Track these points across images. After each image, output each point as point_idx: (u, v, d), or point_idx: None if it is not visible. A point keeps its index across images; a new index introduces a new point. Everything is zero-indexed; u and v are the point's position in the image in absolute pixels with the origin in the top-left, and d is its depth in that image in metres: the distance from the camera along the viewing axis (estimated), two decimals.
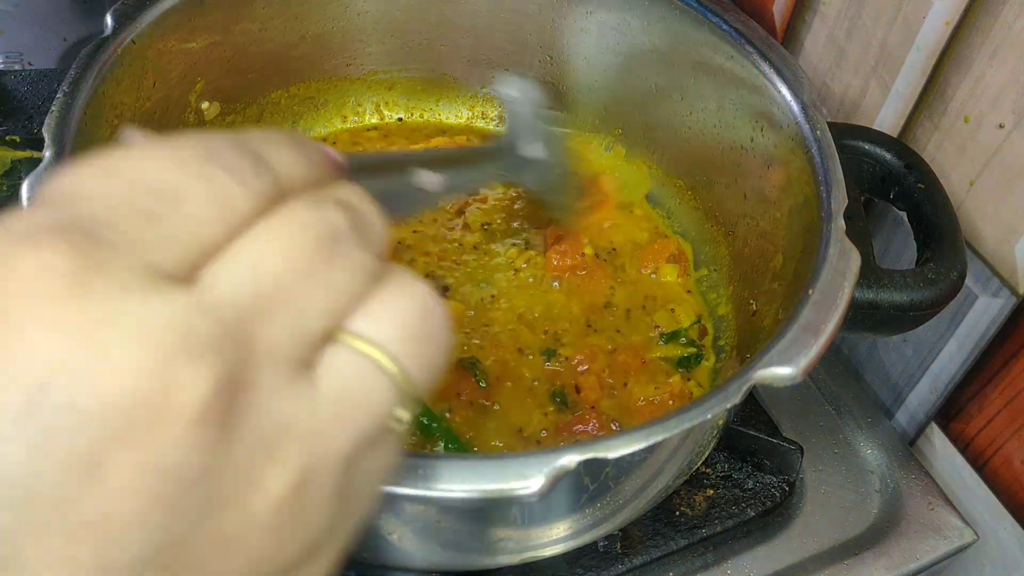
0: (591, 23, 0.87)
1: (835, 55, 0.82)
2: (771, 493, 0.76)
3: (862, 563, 0.74)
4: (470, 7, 0.90)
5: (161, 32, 0.73)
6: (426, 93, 0.96)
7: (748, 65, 0.75)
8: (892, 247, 0.82)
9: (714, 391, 0.54)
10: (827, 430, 0.83)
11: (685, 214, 0.88)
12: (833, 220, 0.63)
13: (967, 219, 0.74)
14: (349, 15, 0.88)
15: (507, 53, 0.93)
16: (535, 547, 0.62)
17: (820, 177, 0.67)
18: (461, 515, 0.56)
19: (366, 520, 0.37)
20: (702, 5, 0.78)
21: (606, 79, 0.90)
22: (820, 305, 0.58)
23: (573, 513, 0.59)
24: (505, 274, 0.82)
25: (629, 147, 0.92)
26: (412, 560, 0.62)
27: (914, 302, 0.64)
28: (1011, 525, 0.77)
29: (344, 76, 0.92)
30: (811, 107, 0.70)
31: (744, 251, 0.80)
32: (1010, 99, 0.67)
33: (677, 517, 0.74)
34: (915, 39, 0.73)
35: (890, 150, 0.73)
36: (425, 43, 0.92)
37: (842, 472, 0.80)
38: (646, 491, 0.61)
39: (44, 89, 0.69)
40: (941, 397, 0.81)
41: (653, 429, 0.51)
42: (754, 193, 0.78)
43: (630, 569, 0.71)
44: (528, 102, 0.74)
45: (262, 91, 0.87)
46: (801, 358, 0.55)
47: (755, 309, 0.75)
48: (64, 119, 0.63)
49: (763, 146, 0.76)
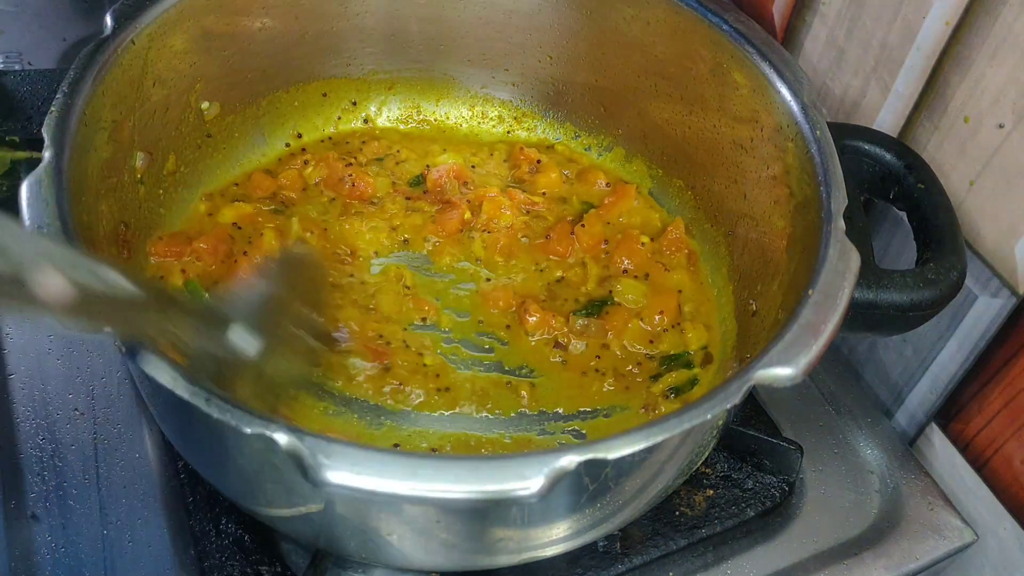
0: (591, 24, 0.87)
1: (835, 55, 0.82)
2: (771, 493, 0.76)
3: (862, 563, 0.74)
4: (470, 7, 0.90)
5: (161, 32, 0.73)
6: (426, 93, 0.96)
7: (748, 65, 0.75)
8: (892, 247, 0.82)
9: (714, 391, 0.54)
10: (827, 430, 0.83)
11: (685, 214, 0.88)
12: (833, 220, 0.63)
13: (967, 219, 0.74)
14: (348, 15, 0.88)
15: (507, 53, 0.93)
16: (535, 547, 0.62)
17: (820, 177, 0.67)
18: (461, 516, 0.56)
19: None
20: (702, 5, 0.78)
21: (606, 79, 0.90)
22: (820, 305, 0.58)
23: (573, 513, 0.59)
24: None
25: (629, 147, 0.92)
26: (412, 560, 0.62)
27: (914, 302, 0.64)
28: (1011, 525, 0.77)
29: (344, 76, 0.92)
30: (811, 107, 0.70)
31: (744, 251, 0.80)
32: (1010, 99, 0.67)
33: (677, 517, 0.74)
34: (915, 39, 0.73)
35: (890, 150, 0.73)
36: (425, 43, 0.92)
37: (842, 472, 0.80)
38: (646, 491, 0.61)
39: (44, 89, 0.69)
40: (941, 397, 0.81)
41: (653, 429, 0.51)
42: (754, 193, 0.78)
43: (630, 569, 0.71)
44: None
45: (262, 91, 0.87)
46: (801, 358, 0.55)
47: (755, 309, 0.75)
48: (64, 119, 0.63)
49: (763, 146, 0.76)
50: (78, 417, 0.77)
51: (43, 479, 0.73)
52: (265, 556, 0.69)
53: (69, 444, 0.75)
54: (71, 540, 0.70)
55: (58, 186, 0.58)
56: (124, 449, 0.75)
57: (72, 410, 0.77)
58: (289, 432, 0.48)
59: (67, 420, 0.77)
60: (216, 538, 0.69)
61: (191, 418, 0.53)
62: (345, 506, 0.56)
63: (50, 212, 0.57)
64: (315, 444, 0.48)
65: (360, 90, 0.94)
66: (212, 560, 0.68)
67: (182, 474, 0.72)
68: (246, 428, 0.49)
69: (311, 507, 0.57)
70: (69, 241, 0.56)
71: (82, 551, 0.69)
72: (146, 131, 0.75)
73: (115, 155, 0.71)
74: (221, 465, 0.60)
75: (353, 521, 0.58)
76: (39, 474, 0.73)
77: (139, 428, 0.77)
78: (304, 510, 0.58)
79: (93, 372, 0.80)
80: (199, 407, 0.50)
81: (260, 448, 0.51)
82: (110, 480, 0.73)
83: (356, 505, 0.55)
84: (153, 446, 0.75)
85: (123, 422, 0.77)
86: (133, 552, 0.70)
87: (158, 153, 0.77)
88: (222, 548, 0.69)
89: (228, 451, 0.56)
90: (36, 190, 0.58)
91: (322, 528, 0.60)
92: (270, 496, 0.59)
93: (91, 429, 0.76)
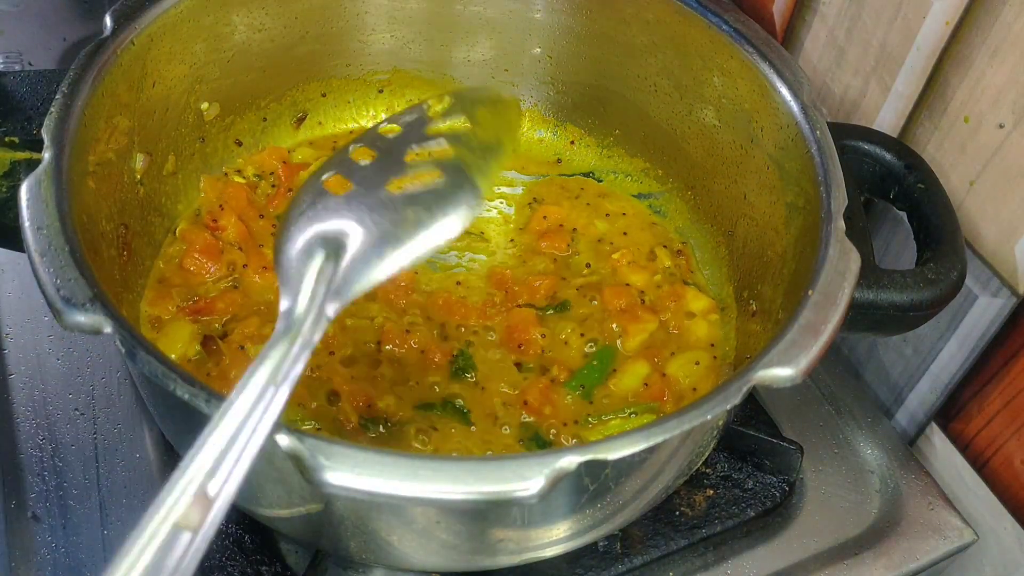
0: (591, 23, 0.87)
1: (835, 55, 0.82)
2: (771, 493, 0.76)
3: (862, 563, 0.74)
4: (470, 8, 0.90)
5: (161, 32, 0.73)
6: (426, 93, 0.96)
7: (748, 65, 0.75)
8: (892, 247, 0.82)
9: (714, 391, 0.54)
10: (827, 430, 0.83)
11: (685, 214, 0.88)
12: (833, 220, 0.63)
13: (967, 219, 0.74)
14: (348, 16, 0.88)
15: (507, 53, 0.93)
16: (535, 548, 0.62)
17: (820, 177, 0.67)
18: (461, 516, 0.56)
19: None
20: (702, 5, 0.78)
21: (606, 79, 0.90)
22: (820, 305, 0.58)
23: (573, 514, 0.59)
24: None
25: (629, 147, 0.92)
26: (412, 561, 0.62)
27: (914, 302, 0.64)
28: (1011, 525, 0.77)
29: (344, 76, 0.92)
30: (811, 107, 0.70)
31: (744, 251, 0.80)
32: (1010, 99, 0.67)
33: (677, 517, 0.74)
34: (915, 39, 0.73)
35: (890, 150, 0.73)
36: (425, 43, 0.92)
37: (842, 472, 0.80)
38: (646, 492, 0.61)
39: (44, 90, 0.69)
40: (941, 397, 0.81)
41: (653, 430, 0.51)
42: (754, 193, 0.78)
43: (630, 569, 0.71)
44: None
45: (262, 92, 0.87)
46: (801, 359, 0.55)
47: (755, 309, 0.75)
48: (63, 120, 0.63)
49: (763, 146, 0.76)
50: (78, 417, 0.77)
51: (43, 479, 0.73)
52: (265, 556, 0.69)
53: (69, 444, 0.75)
54: (71, 540, 0.70)
55: (58, 186, 0.58)
56: (124, 449, 0.75)
57: (72, 410, 0.77)
58: (289, 433, 0.48)
59: (67, 420, 0.77)
60: (216, 538, 0.69)
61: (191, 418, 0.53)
62: (345, 507, 0.56)
63: (50, 212, 0.57)
64: (315, 445, 0.48)
65: (360, 90, 0.94)
66: (212, 560, 0.68)
67: None
68: None
69: (311, 507, 0.57)
70: (69, 241, 0.56)
71: (82, 551, 0.69)
72: (146, 131, 0.75)
73: (115, 155, 0.71)
74: None
75: (353, 521, 0.58)
76: (39, 474, 0.73)
77: (139, 428, 0.77)
78: (304, 510, 0.58)
79: (93, 372, 0.80)
80: (199, 407, 0.50)
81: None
82: (110, 480, 0.73)
83: (356, 506, 0.55)
84: (153, 446, 0.75)
85: (123, 422, 0.77)
86: None
87: (158, 153, 0.77)
88: (222, 548, 0.69)
89: None
90: (36, 190, 0.58)
91: (322, 528, 0.60)
92: (270, 497, 0.59)
93: (91, 429, 0.76)
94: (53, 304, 0.53)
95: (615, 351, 0.77)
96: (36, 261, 0.55)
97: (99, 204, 0.67)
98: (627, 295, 0.80)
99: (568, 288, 0.81)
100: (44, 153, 0.60)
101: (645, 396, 0.74)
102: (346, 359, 0.74)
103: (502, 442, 0.70)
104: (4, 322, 0.83)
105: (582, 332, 0.78)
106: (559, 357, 0.76)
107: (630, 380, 0.75)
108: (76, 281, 0.54)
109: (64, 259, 0.55)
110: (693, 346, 0.78)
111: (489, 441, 0.70)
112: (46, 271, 0.54)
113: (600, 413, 0.73)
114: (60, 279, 0.54)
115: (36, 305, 0.83)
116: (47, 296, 0.53)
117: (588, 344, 0.77)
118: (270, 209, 0.84)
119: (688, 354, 0.77)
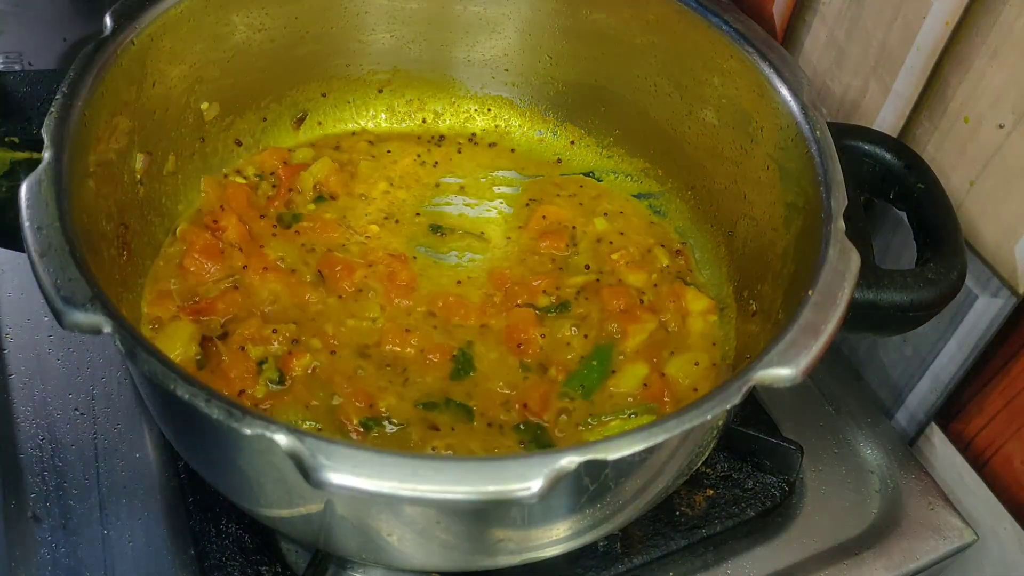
0: (591, 24, 0.87)
1: (835, 55, 0.82)
2: (771, 493, 0.76)
3: (862, 563, 0.74)
4: (470, 8, 0.90)
5: (161, 32, 0.73)
6: (426, 93, 0.96)
7: (748, 66, 0.75)
8: (892, 247, 0.82)
9: (714, 392, 0.54)
10: (827, 430, 0.83)
11: (685, 214, 0.88)
12: (833, 220, 0.63)
13: (967, 219, 0.74)
14: (348, 16, 0.88)
15: (507, 53, 0.93)
16: (535, 548, 0.62)
17: (820, 177, 0.67)
18: (461, 516, 0.56)
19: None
20: (702, 5, 0.78)
21: (606, 79, 0.90)
22: (820, 305, 0.58)
23: (573, 514, 0.59)
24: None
25: (629, 147, 0.92)
26: (412, 561, 0.62)
27: (914, 302, 0.64)
28: (1011, 525, 0.77)
29: (344, 76, 0.92)
30: (811, 107, 0.70)
31: (744, 251, 0.80)
32: (1010, 99, 0.67)
33: (677, 517, 0.74)
34: (915, 39, 0.73)
35: (890, 150, 0.73)
36: (425, 43, 0.92)
37: (842, 472, 0.80)
38: (646, 492, 0.61)
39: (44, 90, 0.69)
40: (941, 397, 0.81)
41: (653, 430, 0.51)
42: (754, 193, 0.78)
43: (630, 569, 0.71)
44: None
45: (262, 92, 0.87)
46: (801, 359, 0.55)
47: (755, 309, 0.75)
48: (63, 120, 0.62)
49: (763, 146, 0.76)
50: (78, 417, 0.77)
51: (43, 479, 0.73)
52: (265, 556, 0.69)
53: (69, 444, 0.75)
54: (71, 540, 0.70)
55: (58, 186, 0.58)
56: (124, 449, 0.75)
57: (72, 410, 0.77)
58: (289, 433, 0.48)
59: (67, 420, 0.77)
60: (216, 538, 0.69)
61: (191, 418, 0.53)
62: (345, 507, 0.56)
63: (50, 212, 0.57)
64: (315, 445, 0.48)
65: (360, 90, 0.94)
66: (212, 560, 0.68)
67: (182, 474, 0.72)
68: (246, 429, 0.49)
69: (311, 507, 0.57)
70: (69, 241, 0.56)
71: (82, 551, 0.69)
72: (146, 131, 0.75)
73: (115, 155, 0.70)
74: (221, 466, 0.60)
75: (353, 521, 0.58)
76: (39, 474, 0.73)
77: (139, 428, 0.77)
78: (304, 510, 0.58)
79: (93, 372, 0.80)
80: (199, 407, 0.50)
81: (260, 449, 0.51)
82: (110, 480, 0.73)
83: (356, 506, 0.55)
84: (153, 446, 0.75)
85: (123, 422, 0.77)
86: (133, 552, 0.70)
87: (158, 153, 0.77)
88: (222, 548, 0.69)
89: (228, 452, 0.56)
90: (36, 190, 0.58)
91: (322, 528, 0.60)
92: (270, 496, 0.59)
93: (91, 429, 0.76)
94: (53, 304, 0.53)
95: (614, 351, 0.77)
96: (36, 261, 0.55)
97: (99, 204, 0.67)
98: (626, 295, 0.80)
99: (568, 288, 0.81)
100: (44, 153, 0.60)
101: (645, 396, 0.74)
102: (346, 359, 0.74)
103: (502, 442, 0.70)
104: (4, 322, 0.83)
105: (582, 332, 0.78)
106: (558, 357, 0.76)
107: (629, 380, 0.75)
108: (76, 281, 0.54)
109: (64, 259, 0.55)
110: (693, 346, 0.78)
111: (489, 441, 0.70)
112: (46, 271, 0.54)
113: (600, 414, 0.73)
114: (60, 279, 0.54)
115: (36, 305, 0.83)
116: (47, 296, 0.53)
117: (587, 344, 0.77)
118: (270, 209, 0.84)
119: (688, 354, 0.77)
